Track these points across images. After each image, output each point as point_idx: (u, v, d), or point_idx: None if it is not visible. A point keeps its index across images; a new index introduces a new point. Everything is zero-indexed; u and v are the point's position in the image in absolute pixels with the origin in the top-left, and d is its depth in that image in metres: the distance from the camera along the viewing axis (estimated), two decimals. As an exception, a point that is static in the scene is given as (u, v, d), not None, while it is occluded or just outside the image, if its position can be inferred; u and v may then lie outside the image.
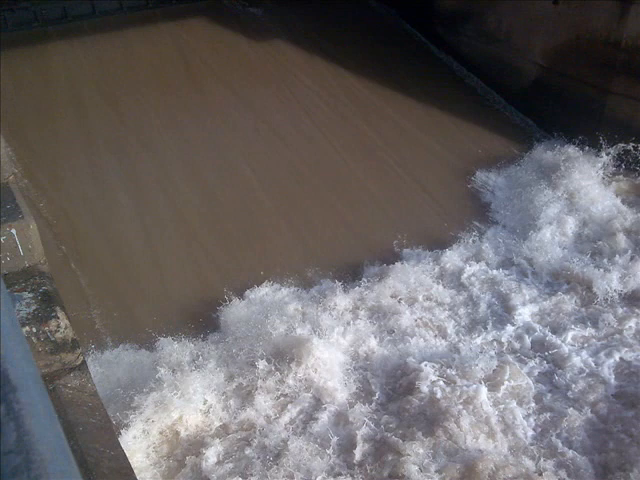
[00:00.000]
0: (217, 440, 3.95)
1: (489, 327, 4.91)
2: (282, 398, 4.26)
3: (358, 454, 3.85)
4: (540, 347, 4.74)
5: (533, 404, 4.25)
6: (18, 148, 6.34)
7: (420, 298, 5.14)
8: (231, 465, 3.80)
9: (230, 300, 5.00)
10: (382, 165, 6.77)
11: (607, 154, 6.54)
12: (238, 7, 9.25)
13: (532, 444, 3.97)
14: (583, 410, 4.15)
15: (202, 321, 4.97)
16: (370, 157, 6.87)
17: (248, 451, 3.89)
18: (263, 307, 4.91)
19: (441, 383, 4.25)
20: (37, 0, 8.25)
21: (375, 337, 4.73)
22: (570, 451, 3.88)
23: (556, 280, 5.40)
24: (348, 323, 4.84)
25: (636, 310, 5.00)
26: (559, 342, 4.72)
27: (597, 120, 6.80)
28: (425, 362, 4.41)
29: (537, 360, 4.62)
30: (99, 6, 8.61)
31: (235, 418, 4.11)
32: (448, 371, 4.35)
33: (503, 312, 5.07)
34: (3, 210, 3.32)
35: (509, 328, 4.88)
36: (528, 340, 4.78)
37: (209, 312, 5.02)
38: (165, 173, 6.38)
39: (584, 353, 4.62)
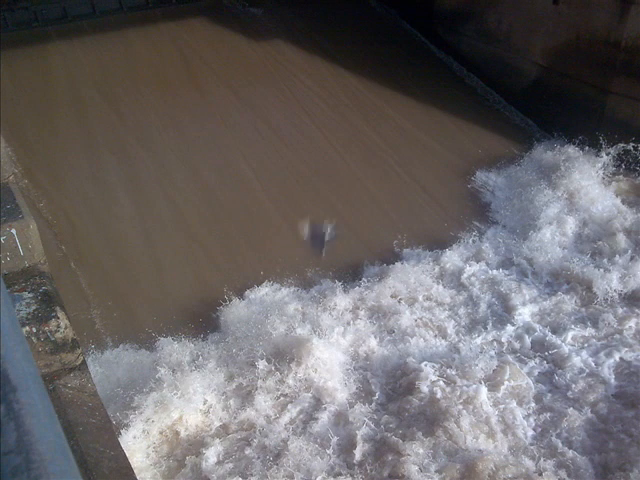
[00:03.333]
0: (217, 440, 3.95)
1: (489, 327, 4.90)
2: (282, 398, 4.25)
3: (358, 454, 3.84)
4: (540, 347, 4.74)
5: (533, 404, 4.25)
6: (18, 148, 6.33)
7: (420, 298, 5.14)
8: (231, 465, 3.80)
9: (230, 300, 5.00)
10: (382, 165, 6.76)
11: (607, 154, 6.54)
12: (238, 7, 9.25)
13: (532, 444, 3.97)
14: (583, 410, 4.15)
15: (202, 321, 4.97)
16: (370, 157, 6.87)
17: (248, 451, 3.88)
18: (263, 307, 4.90)
19: (441, 383, 4.24)
20: (37, 0, 8.26)
21: (375, 337, 4.73)
22: (570, 451, 3.88)
23: (556, 280, 5.40)
24: (348, 323, 4.84)
25: (636, 310, 5.00)
26: (559, 342, 4.71)
27: (597, 120, 6.80)
28: (425, 362, 4.41)
29: (537, 360, 4.62)
30: (99, 6, 8.63)
31: (235, 418, 4.11)
32: (448, 371, 4.35)
33: (503, 312, 5.07)
34: (3, 210, 3.33)
35: (509, 328, 4.88)
36: (528, 340, 4.78)
37: (209, 312, 5.01)
38: (165, 173, 6.38)
39: (584, 353, 4.62)
